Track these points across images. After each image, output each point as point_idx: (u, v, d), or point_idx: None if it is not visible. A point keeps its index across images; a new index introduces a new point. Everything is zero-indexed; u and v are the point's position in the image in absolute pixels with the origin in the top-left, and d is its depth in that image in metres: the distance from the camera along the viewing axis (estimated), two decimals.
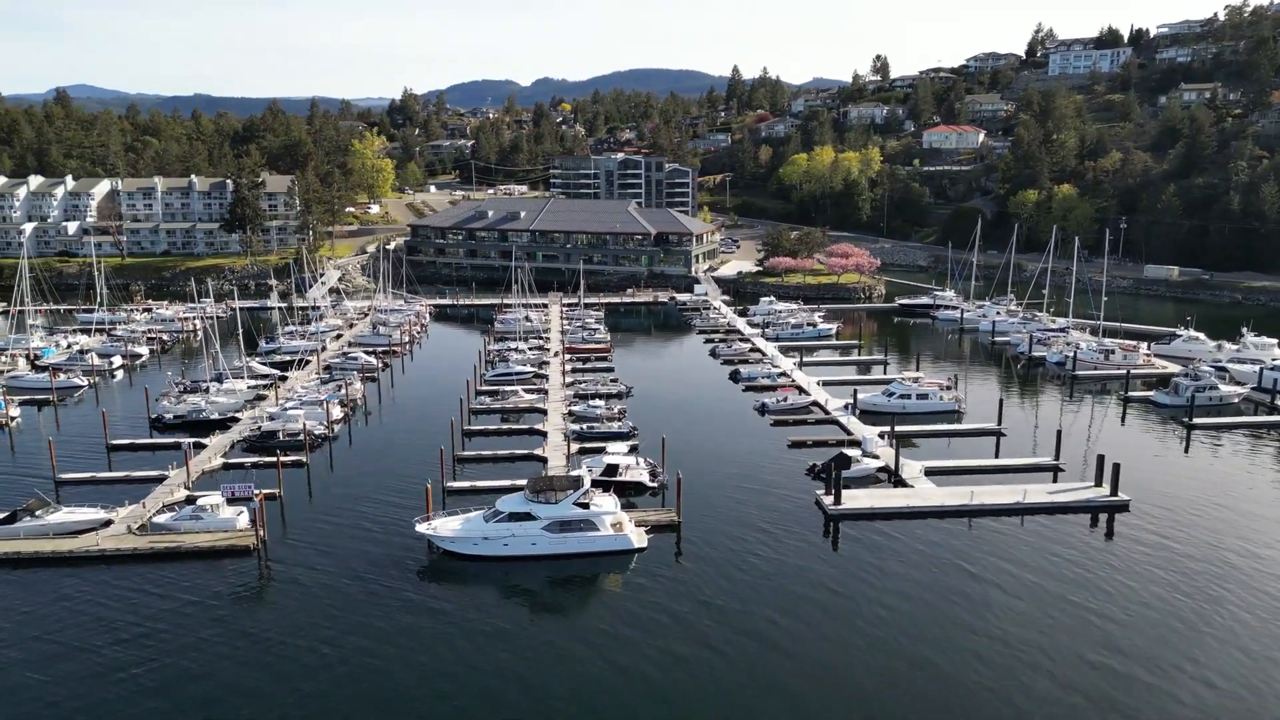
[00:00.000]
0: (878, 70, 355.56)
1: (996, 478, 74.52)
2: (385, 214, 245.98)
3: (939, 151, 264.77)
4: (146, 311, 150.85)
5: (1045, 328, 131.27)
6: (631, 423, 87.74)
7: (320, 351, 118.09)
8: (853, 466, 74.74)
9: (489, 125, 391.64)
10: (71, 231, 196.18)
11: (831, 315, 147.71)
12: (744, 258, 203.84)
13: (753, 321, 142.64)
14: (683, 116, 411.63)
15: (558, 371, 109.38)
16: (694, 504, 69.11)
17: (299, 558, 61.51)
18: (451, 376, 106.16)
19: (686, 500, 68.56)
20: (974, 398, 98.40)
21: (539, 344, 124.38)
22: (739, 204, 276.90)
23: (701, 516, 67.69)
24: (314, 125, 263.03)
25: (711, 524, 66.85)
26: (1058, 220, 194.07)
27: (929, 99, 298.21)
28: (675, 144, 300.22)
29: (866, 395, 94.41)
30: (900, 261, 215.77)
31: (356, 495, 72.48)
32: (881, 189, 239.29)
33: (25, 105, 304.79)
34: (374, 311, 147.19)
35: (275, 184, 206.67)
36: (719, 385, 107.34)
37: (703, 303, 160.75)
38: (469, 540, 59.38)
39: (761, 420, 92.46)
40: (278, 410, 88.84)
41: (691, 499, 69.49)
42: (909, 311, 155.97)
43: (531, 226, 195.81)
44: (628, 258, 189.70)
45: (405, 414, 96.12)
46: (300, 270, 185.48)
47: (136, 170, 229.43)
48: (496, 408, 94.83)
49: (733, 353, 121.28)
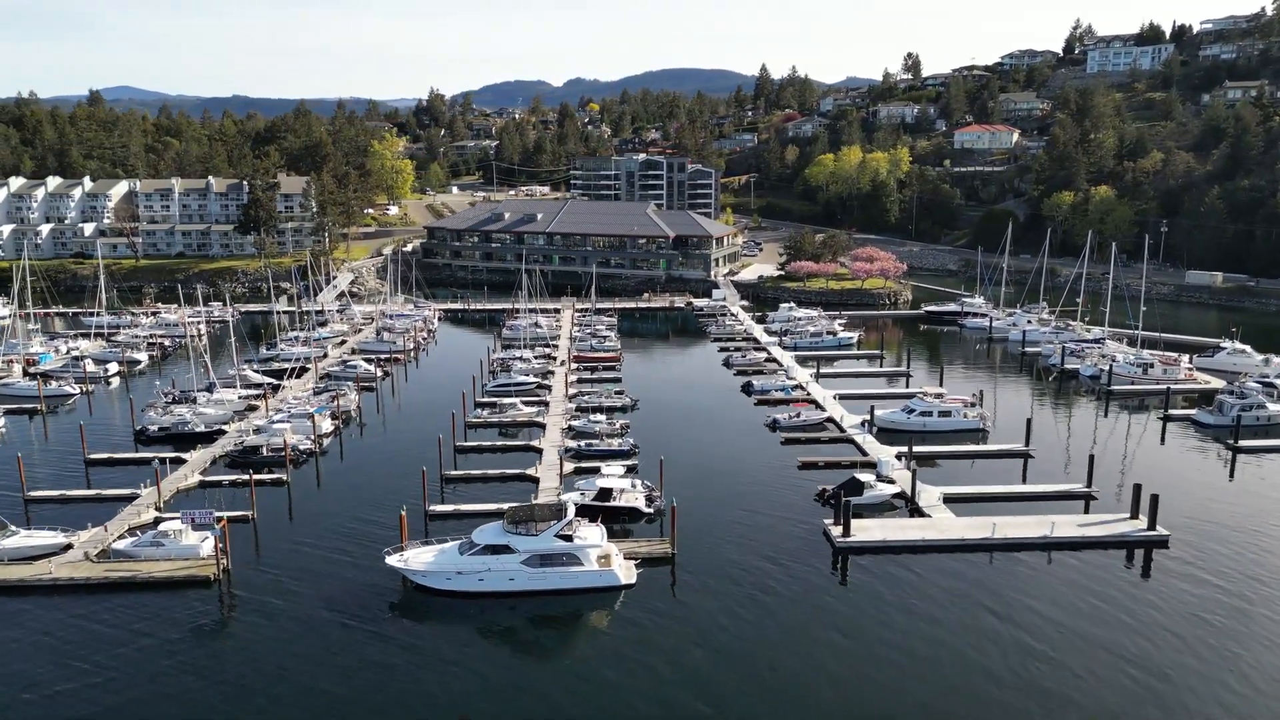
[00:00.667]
0: (909, 68, 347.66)
1: (1022, 506, 68.76)
2: (404, 215, 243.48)
3: (971, 152, 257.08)
4: (154, 315, 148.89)
5: (1079, 338, 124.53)
6: (632, 440, 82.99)
7: (319, 359, 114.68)
8: (865, 493, 69.41)
9: (513, 126, 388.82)
10: (88, 233, 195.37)
11: (854, 323, 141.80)
12: (766, 261, 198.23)
13: (771, 329, 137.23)
14: (710, 116, 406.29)
15: (562, 382, 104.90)
16: (692, 532, 64.28)
17: (264, 589, 57.48)
18: (454, 386, 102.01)
19: (685, 528, 63.76)
20: (1001, 415, 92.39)
21: (546, 352, 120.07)
22: (763, 205, 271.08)
23: (699, 547, 62.78)
24: (335, 126, 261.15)
25: (710, 555, 61.92)
26: (1094, 223, 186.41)
27: (961, 97, 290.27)
28: (699, 144, 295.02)
29: (885, 412, 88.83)
30: (929, 265, 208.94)
31: (336, 518, 68.43)
32: (910, 190, 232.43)
33: (69, 107, 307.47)
34: (381, 317, 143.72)
35: (291, 185, 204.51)
36: (730, 398, 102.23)
37: (720, 308, 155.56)
38: (441, 575, 54.99)
39: (772, 437, 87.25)
40: (264, 423, 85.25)
41: (690, 527, 64.67)
42: (935, 319, 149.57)
43: (548, 229, 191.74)
44: (645, 261, 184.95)
45: (401, 427, 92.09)
46: (314, 273, 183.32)
47: (158, 171, 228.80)
48: (493, 421, 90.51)
49: (747, 363, 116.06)
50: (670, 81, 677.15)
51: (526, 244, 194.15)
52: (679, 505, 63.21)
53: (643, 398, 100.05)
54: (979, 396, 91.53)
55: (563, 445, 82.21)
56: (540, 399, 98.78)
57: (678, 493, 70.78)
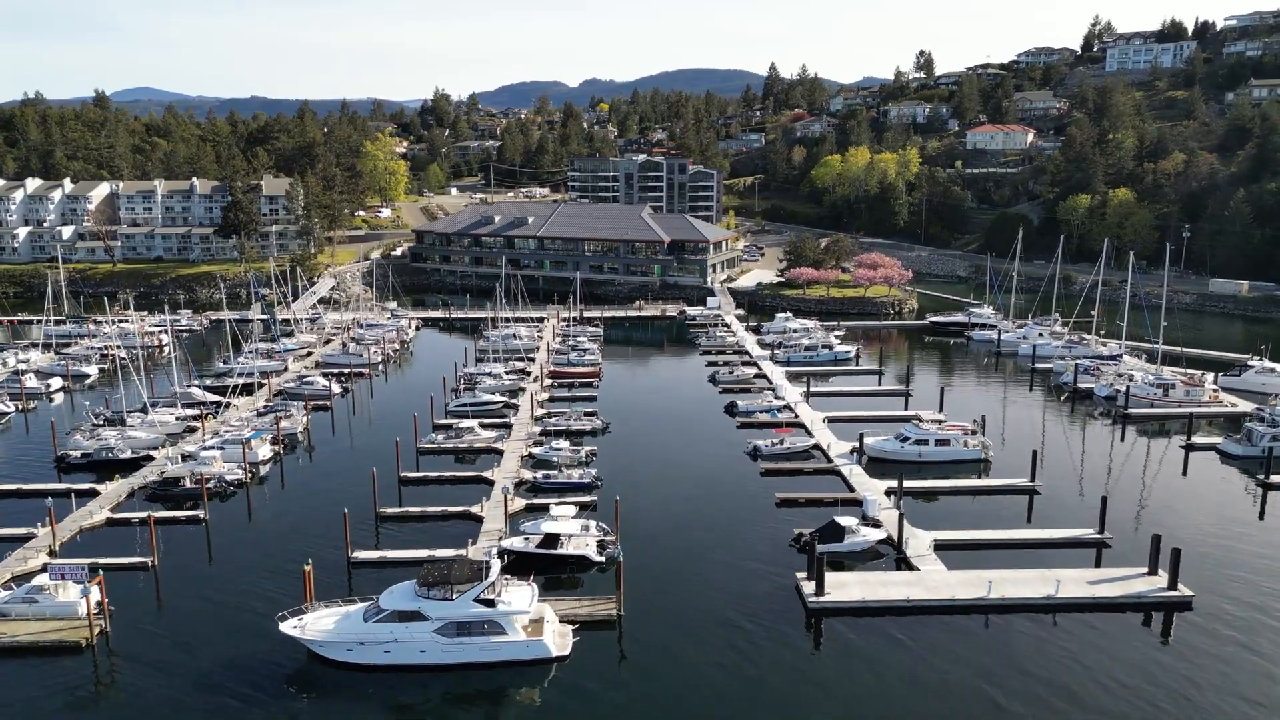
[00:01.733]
0: (921, 66, 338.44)
1: (1025, 557, 60.53)
2: (397, 218, 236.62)
3: (984, 152, 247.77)
4: (123, 323, 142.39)
5: (1093, 353, 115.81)
6: (595, 471, 75.27)
7: (277, 375, 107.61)
8: (845, 539, 61.44)
9: (515, 126, 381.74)
10: (66, 236, 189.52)
11: (853, 334, 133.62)
12: (768, 266, 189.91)
13: (764, 341, 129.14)
14: (718, 117, 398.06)
15: (530, 402, 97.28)
16: (647, 587, 56.57)
17: (145, 656, 50.16)
18: (417, 405, 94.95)
19: (640, 580, 56.25)
20: (1005, 442, 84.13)
21: (520, 366, 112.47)
22: (768, 208, 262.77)
23: (652, 605, 54.97)
24: (328, 126, 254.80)
25: (662, 617, 54.11)
26: (1112, 228, 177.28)
27: (975, 96, 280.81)
28: (703, 145, 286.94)
29: (876, 440, 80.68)
30: (938, 271, 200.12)
31: (251, 566, 61.07)
32: (920, 193, 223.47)
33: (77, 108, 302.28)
34: (354, 326, 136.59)
35: (277, 187, 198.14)
36: (712, 420, 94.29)
37: (714, 318, 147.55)
38: (341, 645, 47.46)
39: (751, 468, 79.26)
40: (195, 450, 78.13)
41: (644, 580, 57.02)
42: (941, 330, 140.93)
43: (539, 233, 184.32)
44: (639, 267, 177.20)
45: (350, 453, 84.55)
46: (293, 279, 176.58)
47: (145, 173, 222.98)
48: (447, 447, 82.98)
49: (734, 380, 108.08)
50: (685, 82, 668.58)
51: (517, 248, 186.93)
52: (636, 551, 55.70)
53: (618, 419, 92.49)
54: (981, 422, 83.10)
55: (517, 477, 74.65)
56: (505, 420, 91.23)
57: (638, 536, 63.37)
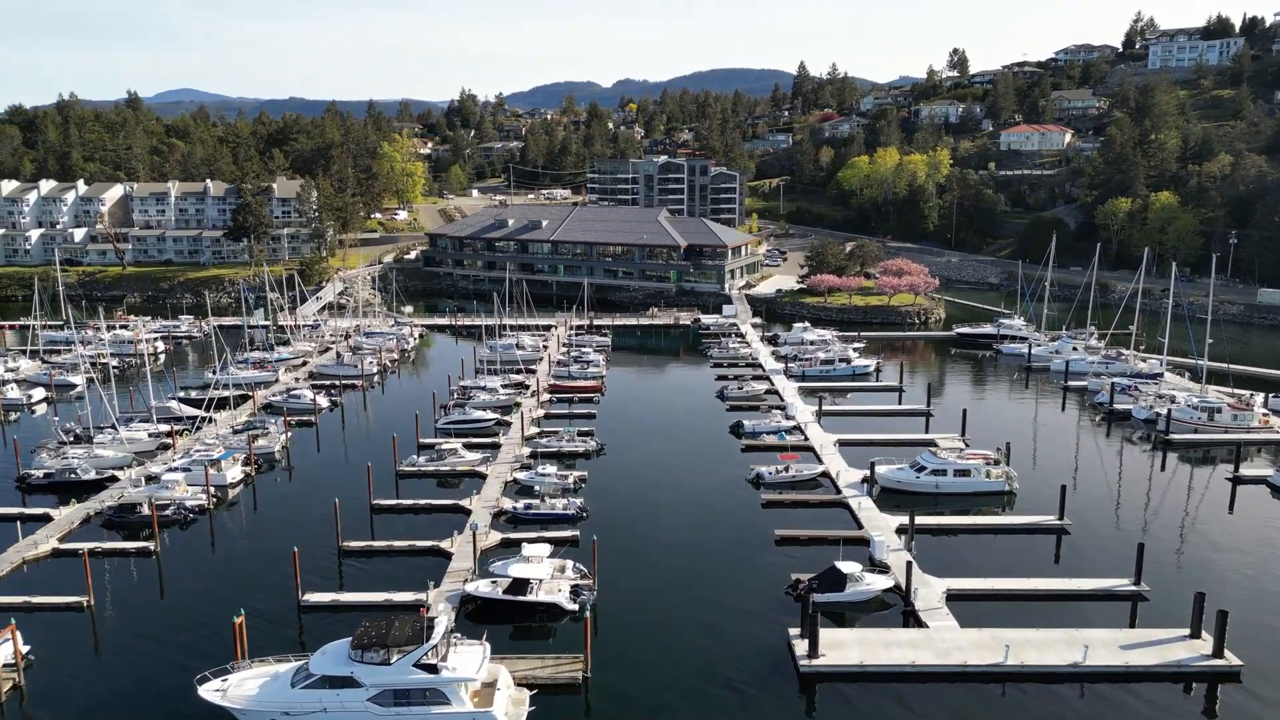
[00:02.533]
0: (955, 65, 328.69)
1: (1050, 611, 53.93)
2: (414, 220, 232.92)
3: (1018, 154, 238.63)
4: (123, 328, 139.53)
5: (1132, 371, 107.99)
6: (581, 500, 69.64)
7: (264, 387, 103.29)
8: (848, 587, 55.22)
9: (538, 127, 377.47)
10: (79, 238, 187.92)
11: (874, 346, 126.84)
12: (789, 272, 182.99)
13: (779, 353, 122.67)
14: (746, 116, 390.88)
15: (526, 417, 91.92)
16: (621, 640, 51.02)
17: (56, 718, 45.36)
18: (407, 421, 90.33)
19: (616, 632, 50.98)
20: (1032, 472, 77.12)
21: (519, 379, 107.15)
22: (793, 210, 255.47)
23: (625, 663, 49.26)
24: (346, 127, 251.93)
25: (635, 678, 48.36)
26: (1153, 234, 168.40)
27: (1010, 95, 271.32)
28: (727, 145, 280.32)
29: (890, 469, 74.18)
30: (968, 277, 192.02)
31: (193, 610, 56.07)
32: (950, 195, 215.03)
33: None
34: (354, 334, 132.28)
35: (289, 189, 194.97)
36: (715, 441, 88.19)
37: (729, 327, 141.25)
38: (264, 713, 42.22)
39: (753, 497, 73.09)
40: (161, 471, 73.71)
41: (620, 632, 51.54)
42: (968, 342, 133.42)
43: (552, 236, 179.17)
44: (655, 273, 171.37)
45: (325, 476, 79.53)
46: (302, 283, 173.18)
47: (164, 175, 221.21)
48: (427, 470, 77.78)
49: (743, 396, 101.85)
50: (719, 82, 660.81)
51: (531, 253, 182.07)
52: (614, 597, 50.05)
53: (615, 438, 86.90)
54: (1005, 451, 76.16)
55: (497, 505, 69.24)
56: (495, 439, 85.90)
57: (619, 578, 57.71)
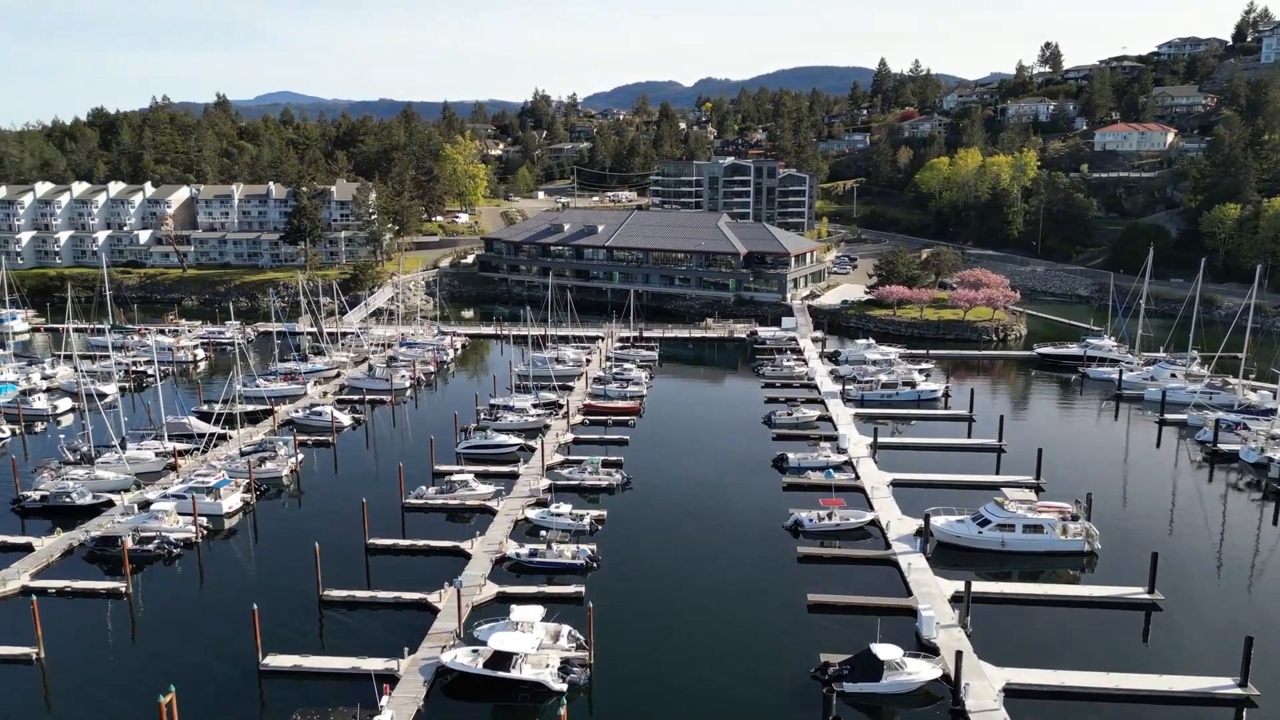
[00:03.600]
0: (1047, 59, 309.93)
1: (1133, 716, 44.43)
2: (475, 223, 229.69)
3: (1114, 155, 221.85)
4: (172, 333, 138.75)
5: (1241, 404, 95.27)
6: (593, 548, 62.54)
7: (286, 401, 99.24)
8: (885, 677, 46.77)
9: (607, 128, 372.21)
10: (143, 240, 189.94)
11: (944, 366, 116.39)
12: (859, 280, 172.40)
13: (838, 372, 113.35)
14: (823, 115, 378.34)
15: (552, 443, 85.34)
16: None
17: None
18: (429, 443, 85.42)
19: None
20: (1119, 529, 66.68)
21: (552, 398, 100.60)
22: (867, 214, 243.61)
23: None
24: (410, 129, 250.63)
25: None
26: (1266, 244, 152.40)
27: (1107, 92, 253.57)
28: (799, 146, 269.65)
29: (948, 521, 64.94)
30: (1054, 289, 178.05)
31: (148, 669, 50.93)
32: (1038, 199, 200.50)
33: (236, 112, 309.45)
34: (394, 344, 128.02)
35: (348, 192, 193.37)
36: (755, 475, 79.94)
37: (787, 341, 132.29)
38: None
39: (790, 547, 64.76)
40: (157, 497, 69.54)
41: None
42: (1050, 364, 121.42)
43: (607, 242, 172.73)
44: (713, 281, 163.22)
45: (329, 508, 74.07)
46: (357, 287, 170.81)
47: (233, 176, 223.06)
48: (435, 504, 71.78)
49: (791, 423, 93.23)
50: (801, 80, 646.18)
51: (586, 258, 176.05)
52: (611, 674, 42.95)
53: (646, 470, 79.77)
54: (1086, 503, 65.95)
55: (500, 550, 62.67)
56: (514, 469, 79.48)
57: (621, 650, 50.66)
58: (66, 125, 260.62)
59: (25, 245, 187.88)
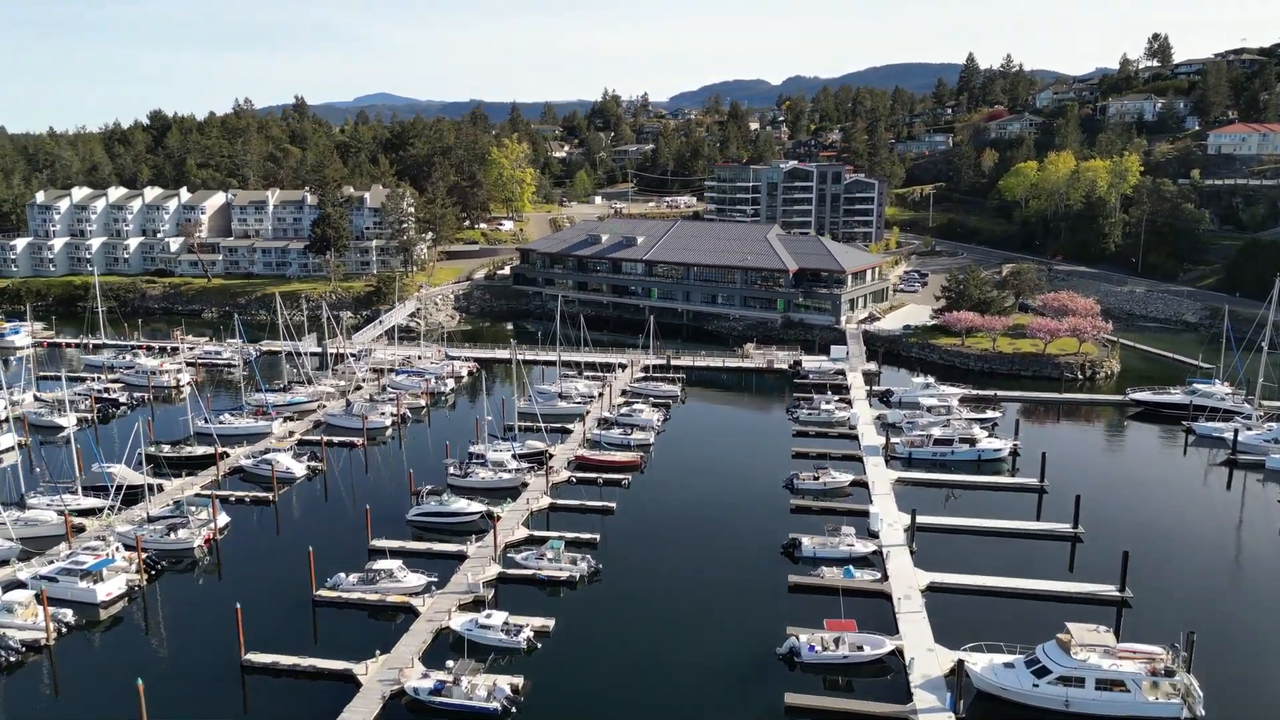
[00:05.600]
0: (1154, 53, 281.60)
1: None
2: (520, 231, 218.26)
3: (1230, 159, 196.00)
4: (170, 351, 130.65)
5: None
6: (518, 684, 48.41)
7: (244, 442, 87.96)
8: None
9: (670, 129, 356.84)
10: (174, 248, 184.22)
11: (1017, 412, 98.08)
12: (928, 300, 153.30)
13: (887, 419, 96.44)
14: (905, 114, 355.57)
15: (519, 511, 71.59)
16: None
17: None
18: (387, 501, 73.64)
19: None
20: (1232, 675, 48.99)
21: (541, 447, 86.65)
22: (944, 223, 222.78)
23: None
24: (461, 130, 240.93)
25: None
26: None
27: (1223, 88, 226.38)
28: (872, 147, 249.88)
29: (991, 666, 48.51)
30: (1156, 313, 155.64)
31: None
32: (1140, 209, 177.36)
33: (338, 114, 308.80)
34: (391, 372, 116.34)
35: (381, 198, 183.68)
36: (758, 566, 64.47)
37: (833, 375, 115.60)
38: None
39: (778, 688, 49.33)
40: (30, 575, 58.51)
41: None
42: (1148, 412, 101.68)
43: (646, 255, 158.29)
44: (759, 300, 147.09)
45: (229, 600, 61.49)
46: (380, 301, 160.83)
47: (278, 181, 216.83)
48: (353, 599, 58.67)
49: (816, 489, 77.30)
50: (892, 77, 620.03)
51: (624, 272, 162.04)
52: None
53: (627, 553, 65.62)
54: (1187, 646, 48.41)
55: (399, 682, 49.08)
56: (458, 551, 65.78)
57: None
58: (124, 128, 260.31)
59: (58, 252, 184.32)
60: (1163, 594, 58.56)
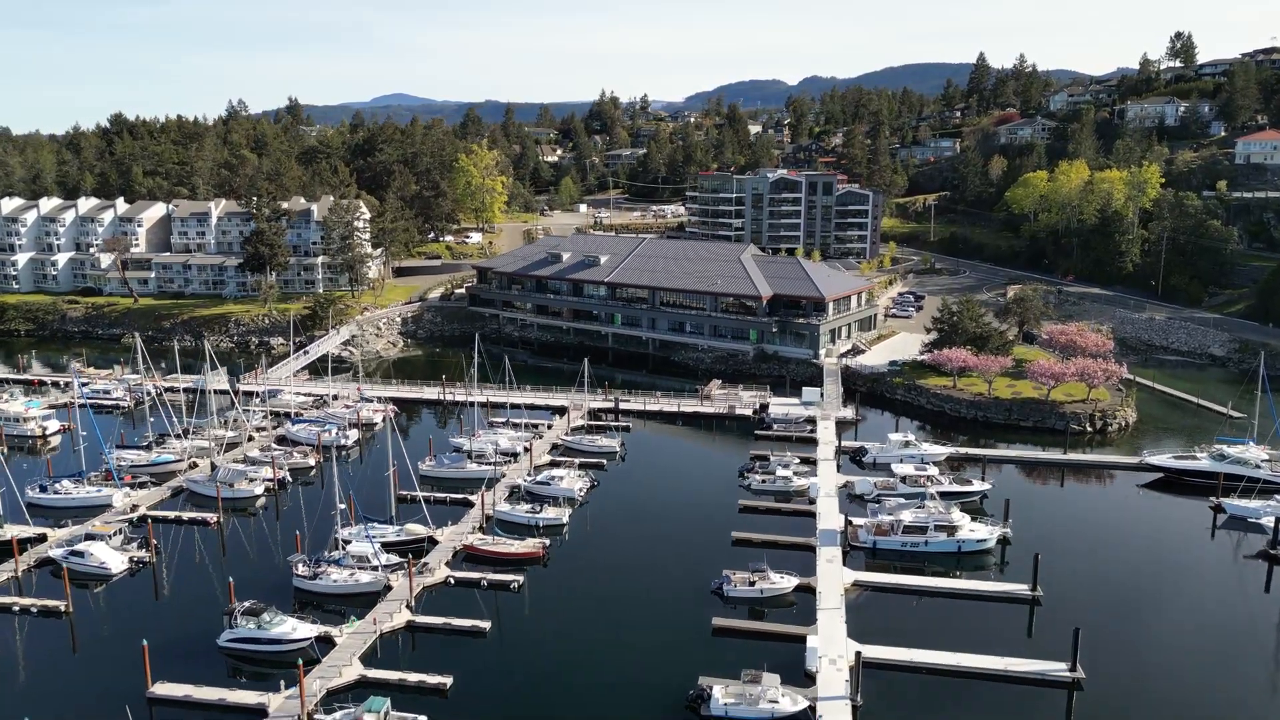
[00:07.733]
0: (1176, 52, 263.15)
1: None
2: (489, 245, 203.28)
3: (1260, 169, 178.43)
4: (61, 387, 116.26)
5: None
6: None
7: (69, 522, 72.94)
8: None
9: (665, 132, 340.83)
10: (104, 264, 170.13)
11: (1014, 471, 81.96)
12: (921, 328, 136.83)
13: (855, 489, 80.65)
14: (911, 118, 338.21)
15: (365, 634, 56.30)
16: None
17: None
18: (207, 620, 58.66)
19: None
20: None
21: (423, 533, 71.21)
22: (947, 237, 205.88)
23: None
24: (429, 135, 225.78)
25: None
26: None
27: (1252, 91, 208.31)
28: (872, 154, 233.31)
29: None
30: (1178, 345, 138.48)
31: None
32: (1160, 225, 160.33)
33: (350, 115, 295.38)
34: (288, 420, 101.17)
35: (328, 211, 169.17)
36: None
37: (801, 426, 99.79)
38: None
39: None
40: None
41: None
42: (1167, 481, 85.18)
43: (608, 278, 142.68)
44: (729, 330, 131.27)
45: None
46: (315, 325, 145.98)
47: (232, 191, 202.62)
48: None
49: (747, 596, 61.63)
50: (911, 77, 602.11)
51: (586, 295, 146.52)
52: None
53: (480, 699, 49.83)
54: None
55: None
56: (264, 698, 50.61)
57: None
58: (85, 131, 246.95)
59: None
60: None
